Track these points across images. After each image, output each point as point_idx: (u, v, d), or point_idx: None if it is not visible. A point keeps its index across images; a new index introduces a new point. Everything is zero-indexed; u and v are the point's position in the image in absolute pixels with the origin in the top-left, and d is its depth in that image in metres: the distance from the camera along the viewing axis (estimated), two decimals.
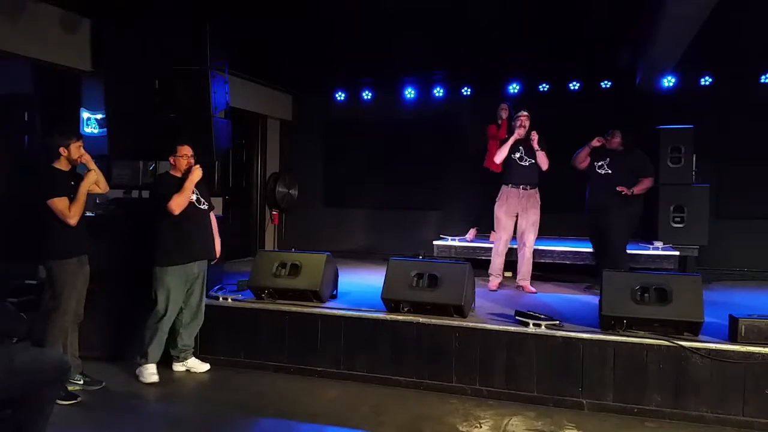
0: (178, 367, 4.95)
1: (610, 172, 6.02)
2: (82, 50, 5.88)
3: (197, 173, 4.73)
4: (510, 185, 6.18)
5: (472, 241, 7.24)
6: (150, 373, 4.67)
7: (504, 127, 7.13)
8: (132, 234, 5.25)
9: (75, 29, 5.79)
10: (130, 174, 5.93)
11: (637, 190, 5.90)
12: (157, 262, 4.68)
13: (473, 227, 7.42)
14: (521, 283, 6.23)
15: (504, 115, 7.21)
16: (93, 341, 4.98)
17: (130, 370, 4.79)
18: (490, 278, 6.23)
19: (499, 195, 6.25)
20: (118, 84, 5.61)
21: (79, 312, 4.46)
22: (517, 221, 6.18)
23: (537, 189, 6.20)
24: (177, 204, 4.59)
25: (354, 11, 5.91)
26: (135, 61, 5.50)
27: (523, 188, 6.14)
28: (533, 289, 6.13)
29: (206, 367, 5.01)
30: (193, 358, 5.01)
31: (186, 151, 4.76)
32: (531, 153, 6.12)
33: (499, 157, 6.13)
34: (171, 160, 4.76)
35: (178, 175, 4.75)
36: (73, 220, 4.19)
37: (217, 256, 5.09)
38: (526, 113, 6.19)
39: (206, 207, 4.91)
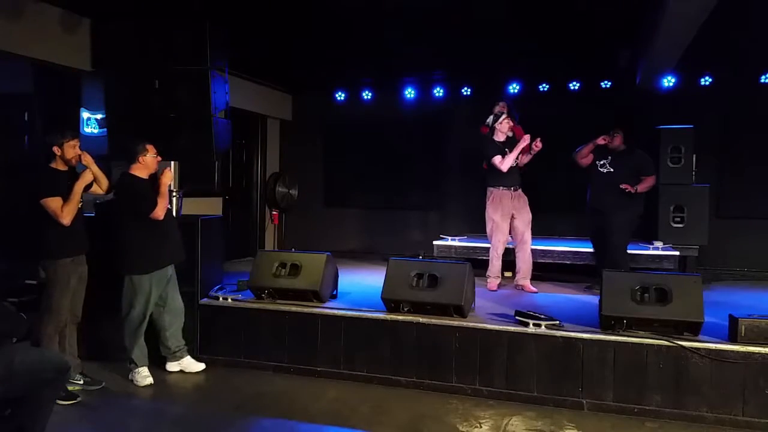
0: (172, 366, 4.91)
1: (612, 170, 6.02)
2: (82, 50, 5.88)
3: (169, 175, 4.64)
4: (501, 187, 6.14)
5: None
6: (143, 376, 4.64)
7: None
8: None
9: (75, 29, 5.79)
10: None
11: (641, 188, 5.89)
12: (135, 269, 4.54)
13: None
14: (522, 282, 6.22)
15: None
16: (93, 341, 4.98)
17: (129, 371, 4.79)
18: (489, 280, 6.22)
19: (489, 198, 6.19)
20: (118, 84, 5.61)
21: (77, 312, 4.45)
22: (511, 222, 6.17)
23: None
24: (163, 209, 4.50)
25: (354, 11, 5.91)
26: (135, 61, 5.50)
27: (513, 189, 6.15)
28: (534, 289, 6.13)
29: (201, 366, 4.98)
30: (188, 356, 4.98)
31: (155, 150, 4.64)
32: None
33: (506, 164, 6.01)
34: (141, 159, 4.57)
35: (144, 175, 4.60)
36: (65, 220, 4.17)
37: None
38: (506, 114, 6.19)
39: (172, 207, 4.82)
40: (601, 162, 6.09)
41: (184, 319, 4.97)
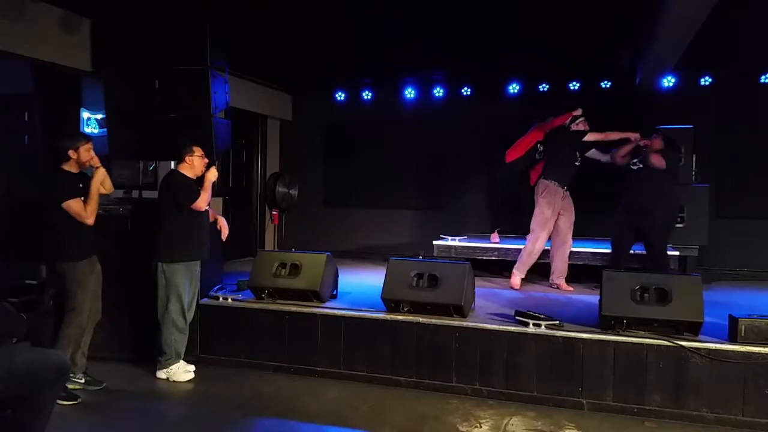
0: (161, 375, 4.78)
1: (641, 166, 5.92)
2: (82, 50, 5.87)
3: (215, 172, 4.86)
4: (555, 183, 6.18)
5: (499, 242, 7.13)
6: (185, 370, 4.72)
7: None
8: (132, 234, 5.24)
9: (75, 29, 5.78)
10: (130, 174, 5.93)
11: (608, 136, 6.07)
12: (170, 258, 4.68)
13: (495, 229, 7.34)
14: (557, 281, 6.27)
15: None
16: (93, 341, 4.96)
17: (129, 371, 4.81)
18: (515, 276, 6.22)
19: (542, 191, 6.20)
20: (118, 84, 5.60)
21: (98, 311, 4.49)
22: (555, 221, 6.22)
23: None
24: (204, 201, 4.73)
25: (354, 11, 5.91)
26: (135, 61, 5.49)
27: (565, 189, 6.23)
28: (570, 288, 6.16)
29: (191, 374, 4.90)
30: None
31: (201, 151, 4.85)
32: (584, 156, 6.24)
33: (594, 135, 6.17)
34: (188, 160, 4.78)
35: (190, 175, 4.79)
36: (90, 220, 4.25)
37: (223, 228, 5.08)
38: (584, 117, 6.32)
39: (207, 208, 4.94)
40: (634, 160, 6.00)
41: None
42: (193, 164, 4.81)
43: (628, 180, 6.06)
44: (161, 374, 4.73)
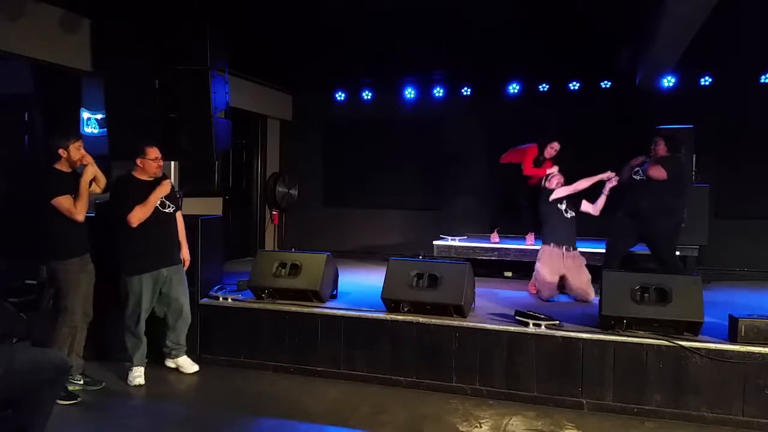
0: (169, 363, 4.95)
1: (644, 177, 5.67)
2: (82, 50, 5.87)
3: (165, 188, 4.56)
4: (552, 244, 5.81)
5: (499, 242, 7.09)
6: (135, 376, 4.66)
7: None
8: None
9: (75, 29, 5.78)
10: None
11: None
12: (123, 269, 4.57)
13: (495, 229, 7.32)
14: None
15: (551, 154, 6.57)
16: (93, 341, 4.96)
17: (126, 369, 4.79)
18: (533, 286, 6.08)
19: (540, 254, 5.89)
20: (118, 84, 5.61)
21: (88, 311, 4.48)
22: (567, 283, 5.80)
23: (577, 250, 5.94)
24: (137, 218, 4.42)
25: (354, 11, 5.91)
26: (135, 61, 5.50)
27: (566, 249, 5.82)
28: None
29: (195, 368, 4.96)
30: (185, 357, 4.98)
31: (156, 153, 4.58)
32: (573, 204, 5.87)
33: (560, 191, 5.80)
34: (138, 162, 4.55)
35: (144, 177, 4.57)
36: (80, 216, 4.23)
37: (185, 261, 4.90)
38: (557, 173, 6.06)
39: (172, 210, 4.74)
40: (636, 169, 5.79)
41: None
42: (144, 167, 4.55)
43: (631, 188, 5.80)
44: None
